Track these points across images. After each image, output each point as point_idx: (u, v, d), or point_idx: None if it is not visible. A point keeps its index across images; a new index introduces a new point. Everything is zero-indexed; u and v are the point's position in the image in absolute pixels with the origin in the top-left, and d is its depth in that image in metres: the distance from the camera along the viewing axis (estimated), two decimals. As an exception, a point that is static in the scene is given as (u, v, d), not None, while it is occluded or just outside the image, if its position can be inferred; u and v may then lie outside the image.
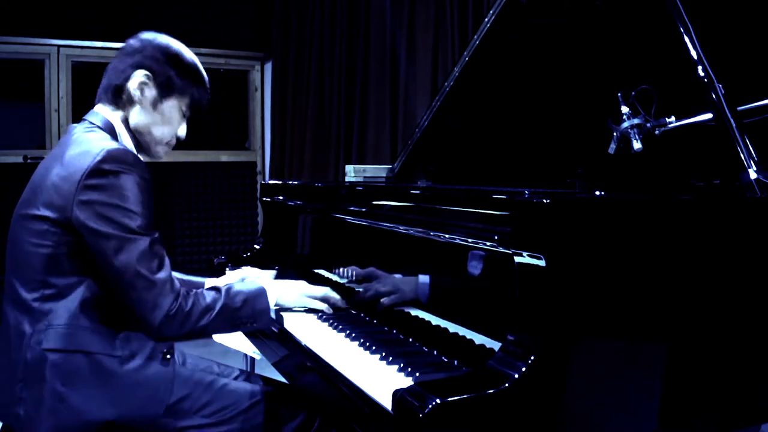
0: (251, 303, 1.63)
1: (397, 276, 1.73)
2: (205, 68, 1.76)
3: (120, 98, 1.64)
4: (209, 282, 1.99)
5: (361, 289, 1.86)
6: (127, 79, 1.63)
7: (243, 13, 5.05)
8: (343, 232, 2.08)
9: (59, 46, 4.47)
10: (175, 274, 1.96)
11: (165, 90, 1.66)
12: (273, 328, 1.85)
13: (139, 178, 1.49)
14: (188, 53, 1.72)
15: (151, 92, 1.64)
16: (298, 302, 1.83)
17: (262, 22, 5.12)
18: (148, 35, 1.69)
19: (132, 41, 1.68)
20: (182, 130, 1.74)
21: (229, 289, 1.62)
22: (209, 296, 1.57)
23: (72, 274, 1.50)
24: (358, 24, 4.64)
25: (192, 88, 1.70)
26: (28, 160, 4.33)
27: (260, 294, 1.66)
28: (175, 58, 1.67)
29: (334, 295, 1.86)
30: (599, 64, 2.03)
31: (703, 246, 1.34)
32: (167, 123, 1.69)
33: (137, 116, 1.65)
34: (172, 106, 1.68)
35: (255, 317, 1.64)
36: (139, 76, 1.63)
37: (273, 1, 5.06)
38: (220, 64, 4.99)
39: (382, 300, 1.74)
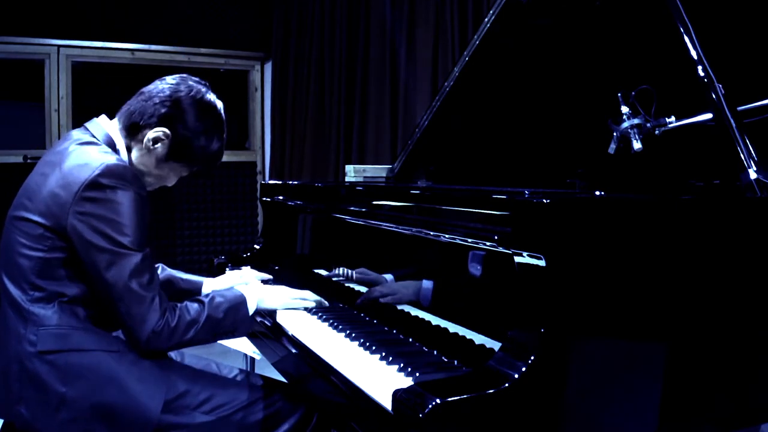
0: (233, 313, 1.65)
1: (397, 276, 1.73)
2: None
3: (134, 134, 1.63)
4: (207, 282, 2.01)
5: (361, 289, 1.86)
6: (149, 126, 1.61)
7: (243, 13, 5.04)
8: (343, 232, 2.08)
9: (59, 46, 4.46)
10: (176, 273, 1.99)
11: (176, 153, 1.64)
12: (266, 321, 1.86)
13: (135, 195, 1.51)
14: (218, 125, 1.67)
15: (163, 149, 1.63)
16: (279, 308, 1.83)
17: (262, 22, 5.11)
18: (185, 86, 1.64)
19: (167, 87, 1.63)
20: (171, 183, 1.74)
21: (212, 300, 1.63)
22: (193, 310, 1.58)
23: (63, 279, 1.52)
24: (358, 24, 4.63)
25: (202, 164, 1.69)
26: (28, 160, 4.33)
27: (241, 303, 1.68)
28: (203, 128, 1.64)
29: (312, 302, 1.85)
30: (599, 65, 2.03)
31: (703, 246, 1.34)
32: (162, 179, 1.70)
33: (140, 157, 1.65)
34: (174, 168, 1.68)
35: (236, 326, 1.67)
36: (159, 131, 1.61)
37: (273, 1, 5.05)
38: (220, 64, 4.98)
39: (381, 300, 1.74)
